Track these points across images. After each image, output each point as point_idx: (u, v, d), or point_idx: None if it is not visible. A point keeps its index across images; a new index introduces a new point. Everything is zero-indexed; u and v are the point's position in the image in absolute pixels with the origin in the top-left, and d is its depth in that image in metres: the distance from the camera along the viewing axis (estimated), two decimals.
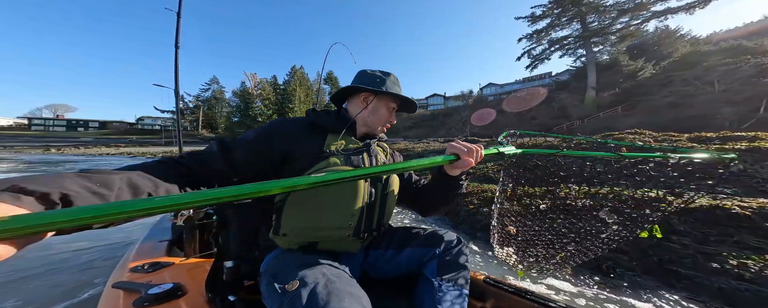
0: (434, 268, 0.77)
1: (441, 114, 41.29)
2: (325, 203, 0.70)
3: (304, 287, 0.55)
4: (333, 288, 0.54)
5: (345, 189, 0.71)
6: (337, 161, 0.73)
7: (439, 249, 0.80)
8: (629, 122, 16.75)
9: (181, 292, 0.79)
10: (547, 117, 26.66)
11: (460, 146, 0.71)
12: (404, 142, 20.40)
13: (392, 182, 0.83)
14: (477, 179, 5.80)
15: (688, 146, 3.96)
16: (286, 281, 0.58)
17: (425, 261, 0.80)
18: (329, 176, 0.44)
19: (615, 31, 23.63)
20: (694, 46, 22.29)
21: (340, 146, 0.76)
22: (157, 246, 1.32)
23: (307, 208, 0.70)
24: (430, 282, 0.75)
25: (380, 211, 0.80)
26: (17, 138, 41.32)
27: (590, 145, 1.30)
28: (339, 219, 0.71)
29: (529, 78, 39.80)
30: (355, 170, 0.47)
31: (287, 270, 0.62)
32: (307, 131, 0.77)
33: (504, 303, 0.90)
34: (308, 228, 0.70)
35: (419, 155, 9.46)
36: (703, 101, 15.92)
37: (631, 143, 1.22)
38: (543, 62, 27.71)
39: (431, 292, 0.74)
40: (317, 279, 0.57)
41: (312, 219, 0.70)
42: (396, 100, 0.87)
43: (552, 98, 28.52)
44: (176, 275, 0.91)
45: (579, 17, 24.64)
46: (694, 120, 13.84)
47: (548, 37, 26.86)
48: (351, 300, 0.52)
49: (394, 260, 0.83)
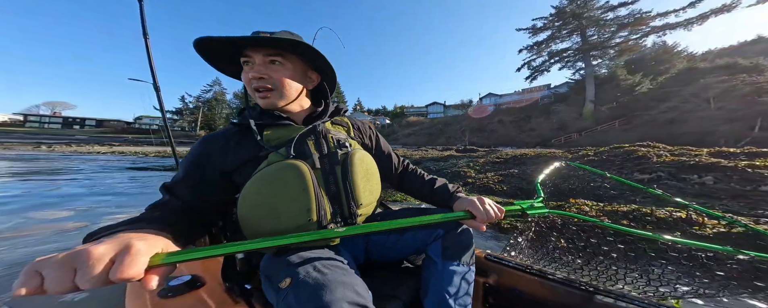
0: (438, 248, 0.75)
1: (440, 123, 41.52)
2: (273, 204, 0.63)
3: (296, 283, 0.54)
4: (324, 280, 0.53)
5: (290, 182, 0.63)
6: (275, 158, 0.66)
7: (443, 229, 0.77)
8: (627, 137, 16.81)
9: (200, 283, 0.80)
10: (546, 129, 26.78)
11: (481, 209, 0.70)
12: (402, 149, 20.15)
13: (355, 160, 0.73)
14: (476, 189, 5.50)
15: (709, 161, 3.70)
16: (279, 279, 0.57)
17: (429, 242, 0.78)
18: (303, 237, 0.52)
19: (614, 44, 24.06)
20: (691, 63, 22.68)
21: (279, 139, 0.69)
22: None
23: (259, 216, 0.64)
24: (434, 262, 0.75)
25: (346, 194, 0.71)
26: (10, 135, 40.81)
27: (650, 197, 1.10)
28: (296, 218, 0.64)
29: (528, 89, 40.23)
30: (334, 232, 0.53)
31: (279, 268, 0.60)
32: (237, 137, 0.70)
33: (505, 278, 0.92)
34: (269, 234, 0.62)
35: (416, 162, 9.15)
36: (699, 118, 16.02)
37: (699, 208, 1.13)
38: (542, 74, 28.13)
39: (437, 273, 0.73)
40: (308, 272, 0.56)
41: (269, 226, 0.64)
42: (229, 47, 0.67)
43: (550, 109, 28.73)
44: (191, 267, 0.91)
45: (579, 30, 25.14)
46: (691, 137, 13.88)
47: (548, 49, 27.32)
48: (344, 289, 0.52)
49: (398, 243, 0.81)
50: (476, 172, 6.62)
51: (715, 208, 3.02)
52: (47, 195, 4.50)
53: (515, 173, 5.82)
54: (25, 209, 3.55)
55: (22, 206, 3.70)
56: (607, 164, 4.52)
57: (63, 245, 2.49)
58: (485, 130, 32.16)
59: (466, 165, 7.35)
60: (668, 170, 3.71)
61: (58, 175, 6.89)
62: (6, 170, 7.36)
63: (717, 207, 3.07)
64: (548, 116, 28.00)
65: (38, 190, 4.85)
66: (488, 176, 6.05)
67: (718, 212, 0.98)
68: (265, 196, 0.63)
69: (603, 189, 3.88)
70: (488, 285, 0.95)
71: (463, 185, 5.84)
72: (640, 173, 3.82)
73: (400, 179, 0.98)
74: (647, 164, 3.94)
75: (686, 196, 3.46)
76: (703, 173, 3.68)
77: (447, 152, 12.63)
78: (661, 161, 3.94)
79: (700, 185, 3.60)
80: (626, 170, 4.11)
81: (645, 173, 3.76)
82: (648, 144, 4.92)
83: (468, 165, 7.33)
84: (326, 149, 0.71)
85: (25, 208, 3.63)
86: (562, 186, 4.79)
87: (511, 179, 5.56)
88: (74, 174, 7.20)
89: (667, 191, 3.44)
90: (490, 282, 0.94)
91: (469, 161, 8.04)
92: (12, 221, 3.06)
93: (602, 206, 3.09)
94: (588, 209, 3.03)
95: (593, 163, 4.97)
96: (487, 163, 7.47)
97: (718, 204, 3.20)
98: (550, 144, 21.90)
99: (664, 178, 3.58)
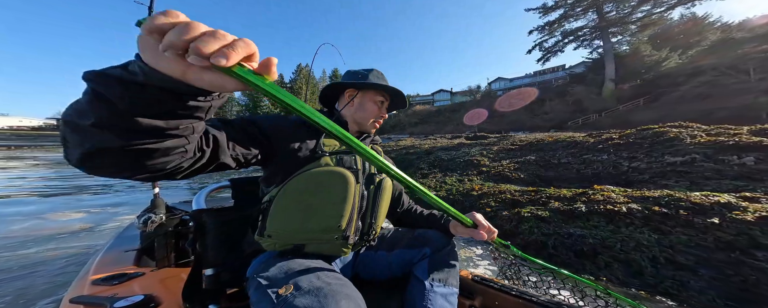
0: (425, 268, 0.78)
1: (447, 110, 40.44)
2: (312, 204, 0.68)
3: (299, 290, 0.54)
4: (329, 290, 0.53)
5: (335, 189, 0.69)
6: (328, 161, 0.71)
7: (430, 249, 0.81)
8: (654, 115, 15.83)
9: (153, 304, 0.74)
10: (562, 112, 25.60)
11: (484, 223, 0.77)
12: (410, 138, 19.90)
13: (386, 186, 0.82)
14: (492, 178, 5.35)
15: (750, 141, 3.37)
16: (279, 285, 0.57)
17: (416, 261, 0.81)
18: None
19: (635, 20, 22.26)
20: (725, 33, 20.72)
21: (334, 147, 0.74)
22: (124, 256, 1.21)
23: (294, 210, 0.68)
24: (421, 282, 0.76)
25: (372, 215, 0.78)
26: (47, 138, 43.76)
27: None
28: (327, 222, 0.69)
29: (541, 71, 38.35)
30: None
31: (279, 274, 0.60)
32: (307, 130, 0.74)
33: (491, 300, 0.92)
34: (294, 231, 0.69)
35: (427, 152, 9.01)
36: (735, 91, 14.77)
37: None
38: (556, 55, 26.58)
39: (422, 292, 0.74)
40: (312, 281, 0.56)
41: (298, 221, 0.68)
42: (381, 93, 0.84)
43: (566, 91, 27.36)
44: (147, 286, 0.85)
45: (595, 7, 23.35)
46: (727, 111, 12.86)
47: (561, 29, 25.66)
48: (348, 301, 0.52)
49: (385, 261, 0.84)
50: (490, 160, 6.45)
51: (758, 191, 2.77)
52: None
53: (532, 160, 5.61)
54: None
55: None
56: (634, 148, 4.24)
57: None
58: (495, 115, 31.19)
59: (479, 153, 7.16)
60: (704, 151, 3.42)
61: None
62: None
63: (759, 190, 2.82)
64: (564, 97, 26.68)
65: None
66: (503, 164, 5.87)
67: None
68: (308, 193, 0.67)
69: (630, 173, 3.65)
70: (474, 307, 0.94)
71: (477, 175, 5.70)
72: (671, 156, 3.55)
73: (402, 215, 1.03)
74: (680, 145, 3.65)
75: (724, 179, 3.20)
76: (743, 153, 3.38)
77: (457, 140, 12.36)
78: (695, 142, 3.64)
79: (739, 166, 3.31)
80: (656, 153, 3.83)
81: (677, 155, 3.48)
82: (680, 124, 4.54)
83: (481, 153, 7.14)
84: (367, 169, 0.77)
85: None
86: (584, 172, 4.58)
87: (529, 166, 5.37)
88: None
89: (702, 173, 3.18)
90: (476, 305, 0.94)
91: (481, 149, 7.83)
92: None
93: (631, 191, 2.91)
94: (615, 196, 2.86)
95: (619, 147, 4.67)
96: (501, 150, 7.25)
97: (761, 186, 2.95)
98: (566, 127, 20.98)
99: (699, 160, 3.31)
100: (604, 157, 4.24)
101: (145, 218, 1.20)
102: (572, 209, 2.93)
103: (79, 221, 3.28)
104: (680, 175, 3.15)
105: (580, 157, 4.71)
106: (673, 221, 2.27)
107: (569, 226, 2.80)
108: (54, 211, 3.76)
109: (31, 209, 3.86)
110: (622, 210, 2.54)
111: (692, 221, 2.18)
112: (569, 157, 4.93)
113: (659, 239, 2.17)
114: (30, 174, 8.06)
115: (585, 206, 2.90)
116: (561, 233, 2.73)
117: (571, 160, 4.74)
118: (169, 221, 1.25)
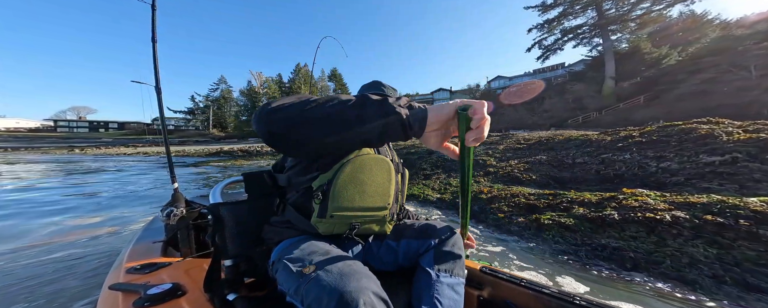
0: (431, 259, 0.80)
1: None
2: (367, 186, 0.75)
3: (322, 269, 0.57)
4: (350, 270, 0.56)
5: (383, 173, 0.78)
6: (370, 151, 0.80)
7: (436, 240, 0.83)
8: (655, 113, 15.65)
9: (180, 292, 0.77)
10: (561, 109, 25.46)
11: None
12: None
13: (406, 173, 0.96)
14: (500, 179, 5.01)
15: None
16: (304, 264, 0.60)
17: (422, 251, 0.83)
18: None
19: (635, 17, 22.11)
20: (725, 30, 20.66)
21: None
22: (152, 247, 1.29)
23: (353, 191, 0.73)
24: (427, 272, 0.78)
25: (402, 197, 0.91)
26: (44, 139, 43.27)
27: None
28: (380, 201, 0.77)
29: (541, 69, 38.16)
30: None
31: (303, 256, 0.64)
32: None
33: (500, 291, 0.92)
34: (355, 210, 0.74)
35: (429, 151, 8.70)
36: (736, 89, 14.64)
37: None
38: (555, 53, 26.36)
39: (429, 282, 0.76)
40: (333, 262, 0.60)
41: (357, 201, 0.74)
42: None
43: (566, 89, 27.21)
44: (174, 275, 0.89)
45: (594, 5, 23.18)
46: (727, 109, 12.71)
47: (560, 27, 25.48)
48: (368, 280, 0.55)
49: (392, 251, 0.86)
50: (497, 160, 6.10)
51: None
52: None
53: (544, 159, 5.26)
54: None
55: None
56: (660, 146, 3.89)
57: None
58: (495, 113, 30.97)
59: (484, 153, 6.82)
60: (746, 149, 3.08)
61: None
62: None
63: None
64: (564, 95, 26.51)
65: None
66: (511, 164, 5.52)
67: None
68: (365, 177, 0.75)
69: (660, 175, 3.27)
70: (482, 298, 0.94)
71: (484, 176, 5.36)
72: (708, 155, 3.21)
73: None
74: (715, 143, 3.31)
75: None
76: None
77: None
78: (734, 139, 3.30)
79: None
80: (687, 152, 3.48)
81: (715, 154, 3.13)
82: (709, 120, 4.21)
83: (486, 153, 6.80)
84: (395, 159, 0.90)
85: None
86: (604, 172, 4.24)
87: (540, 166, 5.02)
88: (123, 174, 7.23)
89: (750, 175, 2.82)
90: (485, 295, 0.94)
91: (486, 147, 7.49)
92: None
93: (670, 196, 2.56)
94: (653, 202, 2.51)
95: (640, 145, 4.32)
96: (507, 149, 6.91)
97: None
98: (566, 125, 20.78)
99: (742, 160, 2.97)
100: (626, 156, 3.89)
101: (168, 212, 1.31)
102: (602, 216, 2.58)
103: (99, 225, 3.31)
104: (723, 177, 2.81)
105: (597, 156, 4.35)
106: (732, 232, 1.92)
107: (600, 236, 2.45)
108: (72, 215, 3.73)
109: (50, 210, 3.90)
110: (665, 219, 2.19)
111: (757, 233, 1.84)
112: (585, 156, 4.57)
113: (719, 254, 1.83)
114: (42, 182, 7.58)
115: (617, 212, 2.55)
116: (593, 244, 2.38)
117: (588, 160, 4.38)
118: (189, 214, 1.36)
